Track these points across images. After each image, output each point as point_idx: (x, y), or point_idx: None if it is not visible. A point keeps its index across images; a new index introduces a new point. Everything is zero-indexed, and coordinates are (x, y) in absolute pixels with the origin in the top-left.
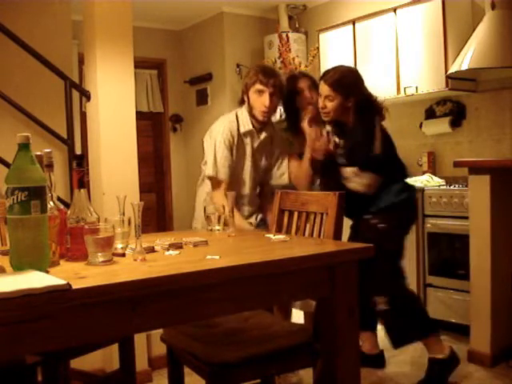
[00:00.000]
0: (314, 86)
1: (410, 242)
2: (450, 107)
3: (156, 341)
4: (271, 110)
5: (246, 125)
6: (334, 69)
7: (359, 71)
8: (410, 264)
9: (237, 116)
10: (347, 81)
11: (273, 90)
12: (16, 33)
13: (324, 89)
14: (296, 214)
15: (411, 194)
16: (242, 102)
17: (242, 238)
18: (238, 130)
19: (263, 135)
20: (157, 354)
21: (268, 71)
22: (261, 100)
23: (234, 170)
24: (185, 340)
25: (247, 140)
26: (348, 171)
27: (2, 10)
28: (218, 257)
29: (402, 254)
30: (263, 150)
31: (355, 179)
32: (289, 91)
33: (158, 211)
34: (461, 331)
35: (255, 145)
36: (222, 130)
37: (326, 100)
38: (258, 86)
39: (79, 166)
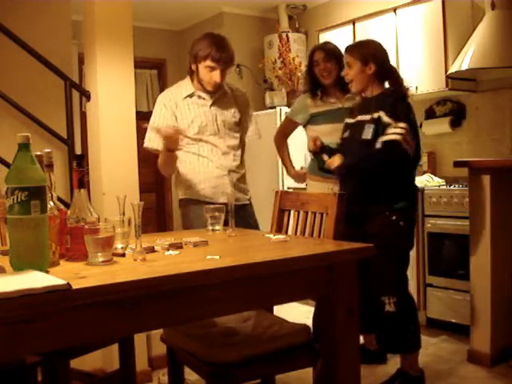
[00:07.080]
0: (328, 56)
1: None
2: (450, 107)
3: (156, 341)
4: (221, 82)
5: (189, 89)
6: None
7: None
8: (409, 264)
9: (180, 85)
10: (365, 47)
11: (224, 67)
12: (16, 33)
13: (345, 57)
14: (296, 214)
15: (417, 190)
16: (190, 72)
17: (242, 238)
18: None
19: (218, 93)
20: (157, 353)
21: (221, 46)
22: (211, 75)
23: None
24: (185, 340)
25: (197, 100)
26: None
27: (2, 10)
28: (217, 257)
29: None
30: (222, 103)
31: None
32: (309, 63)
33: (157, 211)
34: (461, 331)
35: (211, 101)
36: (160, 97)
37: (347, 67)
38: (210, 63)
39: (79, 166)
